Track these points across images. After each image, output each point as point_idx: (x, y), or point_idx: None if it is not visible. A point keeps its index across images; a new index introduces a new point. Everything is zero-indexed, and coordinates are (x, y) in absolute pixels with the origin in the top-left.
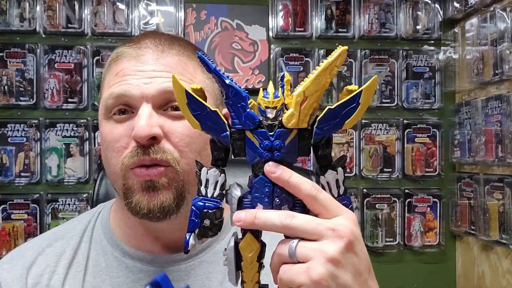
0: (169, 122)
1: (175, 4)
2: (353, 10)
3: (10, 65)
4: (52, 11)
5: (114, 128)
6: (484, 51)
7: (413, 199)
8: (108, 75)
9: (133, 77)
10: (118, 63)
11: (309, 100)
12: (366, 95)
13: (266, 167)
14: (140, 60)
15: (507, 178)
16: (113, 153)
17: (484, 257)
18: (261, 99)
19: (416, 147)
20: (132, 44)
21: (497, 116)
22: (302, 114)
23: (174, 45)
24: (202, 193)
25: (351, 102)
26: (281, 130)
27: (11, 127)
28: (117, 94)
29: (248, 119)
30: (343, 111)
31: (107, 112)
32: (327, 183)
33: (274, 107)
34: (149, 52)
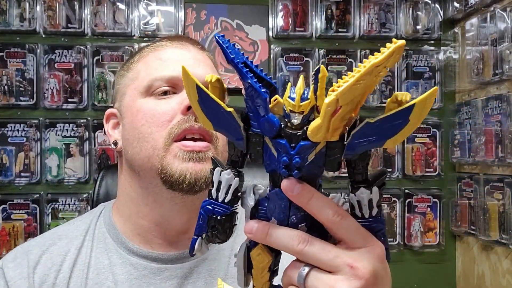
0: None
1: (175, 4)
2: (353, 10)
3: (10, 65)
4: (52, 11)
5: (158, 104)
6: (484, 51)
7: (413, 199)
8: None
9: (181, 62)
10: (160, 51)
11: (343, 109)
12: (419, 111)
13: (284, 183)
14: (185, 48)
15: (507, 178)
16: (155, 128)
17: (484, 257)
18: (286, 99)
19: (416, 147)
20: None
21: (497, 116)
22: (332, 127)
23: (204, 48)
24: (213, 196)
25: (398, 118)
26: (304, 143)
27: (11, 127)
28: (169, 76)
29: (267, 125)
30: (386, 127)
31: (148, 91)
32: (358, 202)
33: (301, 111)
34: (190, 45)
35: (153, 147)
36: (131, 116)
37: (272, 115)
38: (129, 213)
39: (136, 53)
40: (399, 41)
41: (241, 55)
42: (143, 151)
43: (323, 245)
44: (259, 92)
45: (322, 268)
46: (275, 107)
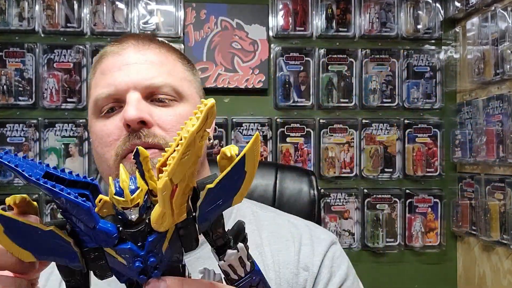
0: (157, 110)
1: (175, 3)
2: (353, 9)
3: (9, 64)
4: (51, 10)
5: (105, 124)
6: (485, 51)
7: (414, 200)
8: (94, 76)
9: (118, 72)
10: (101, 62)
11: (180, 186)
12: (251, 159)
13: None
14: (122, 54)
15: (508, 178)
16: (106, 148)
17: (485, 257)
18: (113, 197)
19: (417, 147)
20: (114, 43)
21: (498, 116)
22: (176, 208)
23: (153, 40)
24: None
25: (235, 173)
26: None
27: (10, 127)
28: (106, 95)
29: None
30: (228, 185)
31: (97, 112)
32: (230, 266)
33: (136, 204)
34: (131, 46)
35: (108, 167)
36: (92, 136)
37: (103, 222)
38: None
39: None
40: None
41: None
42: (103, 170)
43: None
44: (80, 205)
45: None
46: (104, 208)
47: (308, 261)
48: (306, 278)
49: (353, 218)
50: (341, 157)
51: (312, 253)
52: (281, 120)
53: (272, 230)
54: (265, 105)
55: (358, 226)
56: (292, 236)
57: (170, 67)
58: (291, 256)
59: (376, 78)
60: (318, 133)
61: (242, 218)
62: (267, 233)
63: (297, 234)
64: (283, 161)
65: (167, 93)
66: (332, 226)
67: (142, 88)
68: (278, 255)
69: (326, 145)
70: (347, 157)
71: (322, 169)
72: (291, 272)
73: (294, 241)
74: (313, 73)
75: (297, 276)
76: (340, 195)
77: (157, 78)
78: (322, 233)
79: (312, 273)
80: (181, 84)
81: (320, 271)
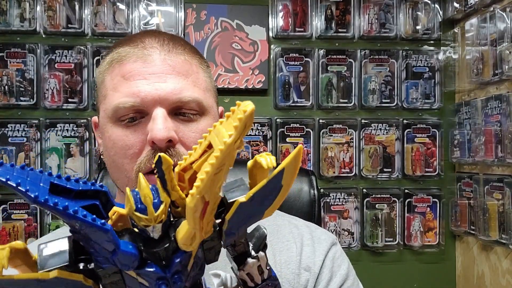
0: (182, 126)
1: (175, 4)
2: (353, 10)
3: (11, 65)
4: (52, 11)
5: (126, 134)
6: (484, 51)
7: (413, 199)
8: (110, 76)
9: (143, 81)
10: (123, 64)
11: (212, 202)
12: (290, 173)
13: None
14: (148, 61)
15: (507, 178)
16: (125, 159)
17: (484, 257)
18: (133, 214)
19: (416, 147)
20: (136, 44)
21: (496, 116)
22: (205, 225)
23: (177, 44)
24: None
25: (270, 187)
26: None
27: (11, 127)
28: (130, 105)
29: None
30: (261, 199)
31: (116, 119)
32: (248, 275)
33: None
34: (156, 52)
35: (127, 177)
36: (105, 140)
37: (123, 244)
38: None
39: (106, 54)
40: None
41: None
42: (120, 179)
43: None
44: (99, 229)
45: None
46: (118, 222)
47: (309, 262)
48: (307, 278)
49: (353, 218)
50: (341, 157)
51: (314, 254)
52: (281, 120)
53: (273, 231)
54: (265, 105)
55: (358, 226)
56: (293, 236)
57: (194, 77)
58: (293, 256)
59: (375, 78)
60: (318, 133)
61: None
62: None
63: (298, 234)
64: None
65: (193, 108)
66: (331, 225)
67: (169, 104)
68: (280, 255)
69: (326, 145)
70: (346, 157)
71: (321, 169)
72: (292, 272)
73: (295, 241)
74: (312, 73)
75: (299, 276)
76: (340, 194)
77: (184, 93)
78: (323, 234)
79: (314, 274)
80: (205, 97)
81: (321, 271)
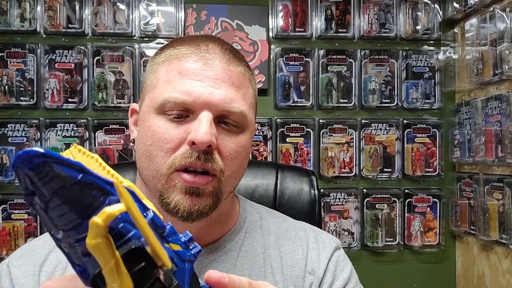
0: (223, 135)
1: (175, 4)
2: (353, 10)
3: (11, 65)
4: (52, 11)
5: (167, 128)
6: (484, 51)
7: (413, 199)
8: (166, 69)
9: (199, 83)
10: (182, 61)
11: None
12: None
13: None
14: (208, 64)
15: (507, 178)
16: (161, 152)
17: (484, 257)
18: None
19: (416, 147)
20: (199, 46)
21: (496, 116)
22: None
23: (237, 54)
24: None
25: None
26: None
27: (11, 127)
28: (181, 102)
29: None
30: None
31: (161, 109)
32: None
33: None
34: (217, 58)
35: (157, 170)
36: (143, 128)
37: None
38: None
39: (164, 48)
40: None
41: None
42: (149, 169)
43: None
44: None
45: None
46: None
47: (314, 265)
48: (311, 281)
49: (353, 218)
50: (341, 157)
51: (318, 258)
52: (281, 120)
53: (280, 235)
54: (265, 105)
55: (358, 226)
56: (300, 239)
57: (245, 91)
58: (299, 259)
59: (375, 78)
60: (318, 133)
61: (253, 222)
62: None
63: (304, 237)
64: (283, 161)
65: (237, 120)
66: (331, 225)
67: (217, 110)
68: (286, 258)
69: (326, 145)
70: (346, 157)
71: (321, 169)
72: (297, 275)
73: (301, 244)
74: (312, 73)
75: (304, 280)
76: (340, 194)
77: (233, 103)
78: (328, 238)
79: (318, 277)
80: (249, 112)
81: (324, 275)
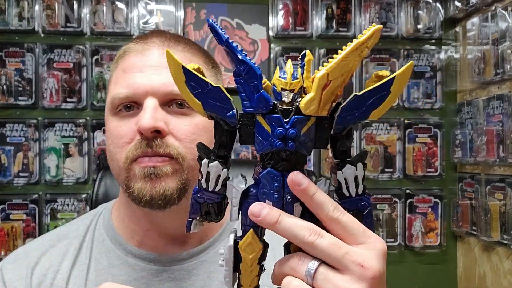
0: (175, 119)
1: (175, 3)
2: (353, 9)
3: (9, 64)
4: (51, 10)
5: (120, 124)
6: (486, 51)
7: (414, 200)
8: (115, 71)
9: (139, 74)
10: (124, 59)
11: (333, 84)
12: (399, 83)
13: (291, 176)
14: (146, 55)
15: (509, 178)
16: (118, 149)
17: (486, 257)
18: (277, 79)
19: (417, 147)
20: (139, 40)
21: (498, 116)
22: (323, 100)
23: (179, 42)
24: (203, 186)
25: (381, 90)
26: (298, 117)
27: (9, 127)
28: (124, 96)
29: (261, 102)
30: (371, 99)
31: (113, 109)
32: (345, 180)
33: (292, 89)
34: (155, 47)
35: (118, 167)
36: (106, 132)
37: (265, 92)
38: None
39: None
40: (378, 25)
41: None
42: (113, 167)
43: (333, 241)
44: (254, 69)
45: (331, 264)
46: (265, 89)
47: None
48: None
49: None
50: None
51: None
52: None
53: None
54: None
55: None
56: None
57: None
58: None
59: None
60: None
61: None
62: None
63: None
64: None
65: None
66: None
67: (161, 95)
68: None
69: None
70: None
71: (322, 169)
72: None
73: None
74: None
75: None
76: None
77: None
78: None
79: None
80: None
81: None
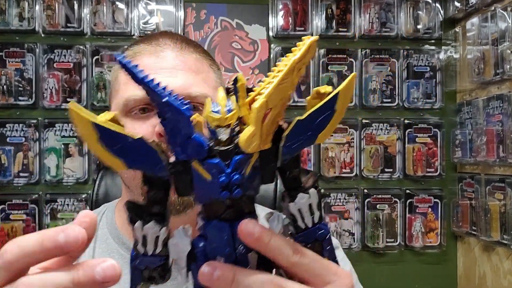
0: None
1: (175, 3)
2: (353, 9)
3: (9, 64)
4: (51, 10)
5: (134, 126)
6: (485, 51)
7: (414, 200)
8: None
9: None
10: (136, 60)
11: (273, 112)
12: (343, 98)
13: (241, 227)
14: (160, 56)
15: (509, 178)
16: None
17: (486, 257)
18: (209, 114)
19: (417, 147)
20: (150, 41)
21: (498, 116)
22: (265, 132)
23: (190, 43)
24: (140, 252)
25: (325, 109)
26: (240, 157)
27: (9, 127)
28: (141, 97)
29: (194, 148)
30: (316, 121)
31: (125, 110)
32: (299, 211)
33: (228, 124)
34: (168, 48)
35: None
36: None
37: (197, 135)
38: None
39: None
40: (312, 37)
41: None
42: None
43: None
44: (181, 111)
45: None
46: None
47: None
48: None
49: (353, 218)
50: (341, 157)
51: None
52: None
53: None
54: None
55: (358, 226)
56: None
57: (205, 76)
58: None
59: (376, 78)
60: None
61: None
62: None
63: None
64: None
65: (202, 103)
66: (332, 226)
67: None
68: None
69: (326, 145)
70: (347, 157)
71: (322, 169)
72: None
73: None
74: (313, 73)
75: None
76: (340, 195)
77: (193, 88)
78: None
79: None
80: (214, 94)
81: None
